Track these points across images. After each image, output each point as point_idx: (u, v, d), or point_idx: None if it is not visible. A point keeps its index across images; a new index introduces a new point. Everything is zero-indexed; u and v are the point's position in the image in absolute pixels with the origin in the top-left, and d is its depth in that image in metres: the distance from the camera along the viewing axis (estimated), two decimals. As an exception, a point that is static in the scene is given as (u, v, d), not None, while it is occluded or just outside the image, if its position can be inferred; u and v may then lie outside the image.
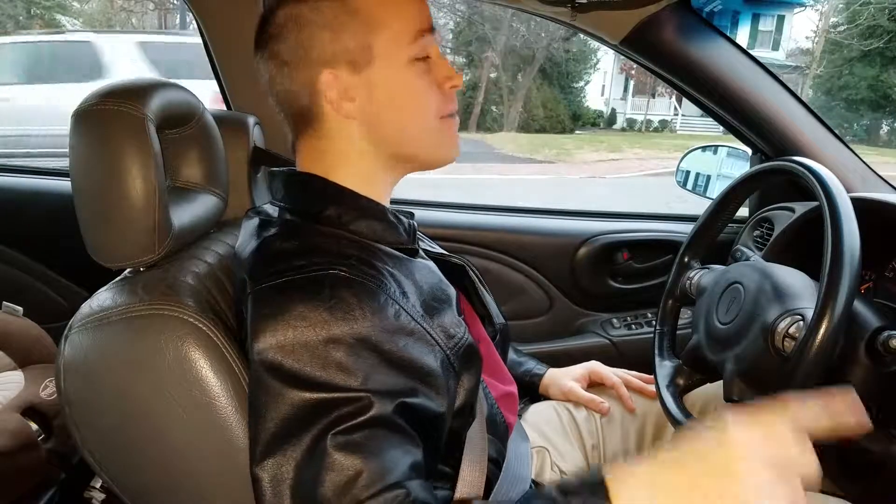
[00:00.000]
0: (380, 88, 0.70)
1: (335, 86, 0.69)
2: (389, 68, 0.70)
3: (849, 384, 0.77)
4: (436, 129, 0.73)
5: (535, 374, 1.08)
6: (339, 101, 0.70)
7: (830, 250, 0.71)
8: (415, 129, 0.72)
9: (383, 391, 0.59)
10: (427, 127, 0.73)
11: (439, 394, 0.65)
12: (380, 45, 0.69)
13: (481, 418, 0.73)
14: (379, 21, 0.69)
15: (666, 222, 1.56)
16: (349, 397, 0.57)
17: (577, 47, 17.66)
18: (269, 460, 0.57)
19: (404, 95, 0.71)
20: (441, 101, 0.73)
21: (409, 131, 0.72)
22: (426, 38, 0.71)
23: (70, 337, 0.67)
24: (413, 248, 0.75)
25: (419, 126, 0.72)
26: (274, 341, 0.59)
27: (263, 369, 0.60)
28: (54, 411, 1.12)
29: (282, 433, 0.57)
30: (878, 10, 14.29)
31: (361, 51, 0.69)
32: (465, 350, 0.70)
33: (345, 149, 0.73)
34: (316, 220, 0.71)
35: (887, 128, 16.37)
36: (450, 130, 0.75)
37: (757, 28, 16.59)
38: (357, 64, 0.69)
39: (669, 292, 1.02)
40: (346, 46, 0.69)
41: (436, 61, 0.72)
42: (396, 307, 0.64)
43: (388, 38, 0.69)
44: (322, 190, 0.72)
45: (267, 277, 0.64)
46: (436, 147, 0.75)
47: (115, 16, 20.05)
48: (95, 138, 0.66)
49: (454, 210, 1.57)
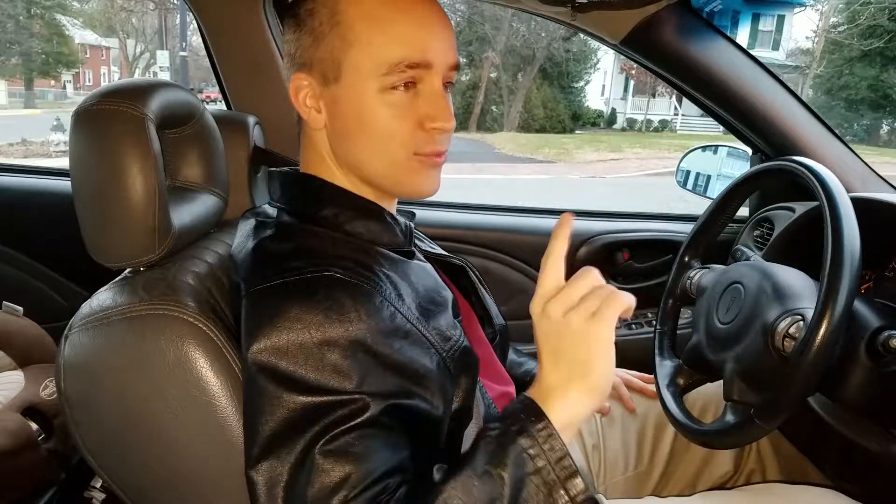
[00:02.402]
0: (344, 108, 0.68)
1: (305, 91, 0.70)
2: (355, 90, 0.67)
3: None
4: (402, 164, 0.69)
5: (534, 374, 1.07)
6: (309, 108, 0.70)
7: (830, 250, 0.71)
8: (376, 158, 0.69)
9: (378, 393, 0.59)
10: (393, 160, 0.69)
11: (435, 396, 0.65)
12: (349, 63, 0.67)
13: (478, 419, 0.73)
14: (354, 39, 0.66)
15: (666, 222, 1.56)
16: (344, 400, 0.58)
17: (577, 47, 17.68)
18: (265, 463, 0.57)
19: (367, 122, 0.67)
20: (419, 138, 0.68)
21: (369, 158, 0.70)
22: (415, 72, 0.66)
23: (70, 337, 0.67)
24: (409, 251, 0.75)
25: (383, 157, 0.69)
26: (269, 343, 0.59)
27: (258, 371, 0.60)
28: (54, 411, 1.12)
29: (277, 436, 0.57)
30: (878, 10, 14.30)
31: (332, 65, 0.68)
32: (461, 353, 0.70)
33: (318, 155, 0.74)
34: (312, 220, 0.71)
35: (887, 128, 16.37)
36: (422, 169, 0.70)
37: (757, 28, 16.60)
38: (326, 77, 0.68)
39: (669, 292, 1.02)
40: (320, 56, 0.68)
41: (428, 99, 0.67)
42: (392, 309, 0.64)
43: (361, 59, 0.66)
44: (318, 190, 0.72)
45: (262, 279, 0.64)
46: (399, 181, 0.71)
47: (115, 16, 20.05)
48: (95, 138, 0.66)
49: (454, 210, 1.57)
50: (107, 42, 23.25)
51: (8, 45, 18.17)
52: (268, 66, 1.23)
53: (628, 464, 1.01)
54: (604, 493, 0.98)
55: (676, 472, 1.02)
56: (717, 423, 0.80)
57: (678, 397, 0.91)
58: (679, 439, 1.01)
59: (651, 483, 1.02)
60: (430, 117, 0.67)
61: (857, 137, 15.04)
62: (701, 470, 1.01)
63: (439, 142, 0.69)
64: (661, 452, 1.02)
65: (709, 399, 1.04)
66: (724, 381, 0.81)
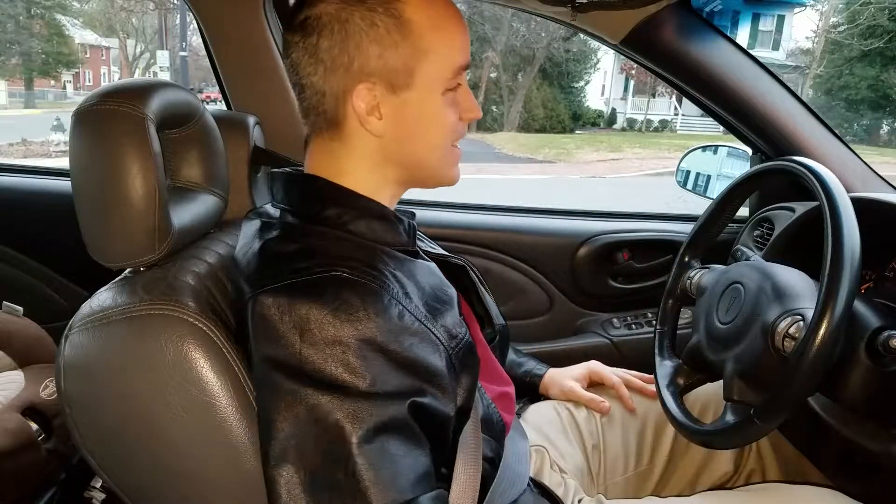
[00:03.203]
0: (410, 111, 0.70)
1: (367, 100, 0.68)
2: (425, 94, 0.69)
3: None
4: (448, 155, 0.75)
5: (535, 375, 1.08)
6: (366, 115, 0.69)
7: (830, 250, 0.71)
8: (431, 153, 0.73)
9: (393, 392, 0.59)
10: (444, 153, 0.74)
11: (445, 394, 0.65)
12: (423, 71, 0.68)
13: (475, 419, 0.73)
14: (428, 48, 0.68)
15: (666, 222, 1.55)
16: (359, 400, 0.58)
17: (577, 47, 17.67)
18: (284, 463, 0.57)
19: (432, 123, 0.71)
20: (460, 129, 0.74)
21: (425, 155, 0.73)
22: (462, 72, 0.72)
23: (70, 337, 0.67)
24: (413, 250, 0.75)
25: (434, 150, 0.73)
26: (281, 344, 0.60)
27: (272, 372, 0.60)
28: (54, 411, 1.12)
29: (295, 436, 0.58)
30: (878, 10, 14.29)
31: (404, 73, 0.68)
32: (466, 350, 0.70)
33: (358, 159, 0.72)
34: (316, 221, 0.71)
35: (887, 128, 16.37)
36: (456, 157, 0.76)
37: (757, 28, 16.60)
38: (396, 85, 0.68)
39: (669, 292, 1.02)
40: (391, 66, 0.67)
41: (463, 92, 0.73)
42: (400, 307, 0.64)
43: (433, 67, 0.69)
44: (321, 191, 0.72)
45: (270, 281, 0.64)
46: (444, 171, 0.76)
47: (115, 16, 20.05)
48: (95, 138, 0.66)
49: (454, 210, 1.57)
50: (107, 42, 23.24)
51: (8, 45, 18.17)
52: (268, 66, 1.23)
53: (628, 464, 1.01)
54: (603, 492, 0.98)
55: (676, 472, 1.02)
56: (717, 423, 0.80)
57: (678, 397, 0.91)
58: (679, 439, 1.01)
59: (651, 483, 1.02)
60: (467, 109, 0.74)
61: (857, 137, 15.04)
62: (701, 470, 1.01)
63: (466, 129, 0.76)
64: (661, 452, 1.02)
65: (709, 399, 1.04)
66: (724, 381, 0.81)
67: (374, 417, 0.58)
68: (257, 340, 0.62)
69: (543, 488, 0.86)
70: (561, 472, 0.92)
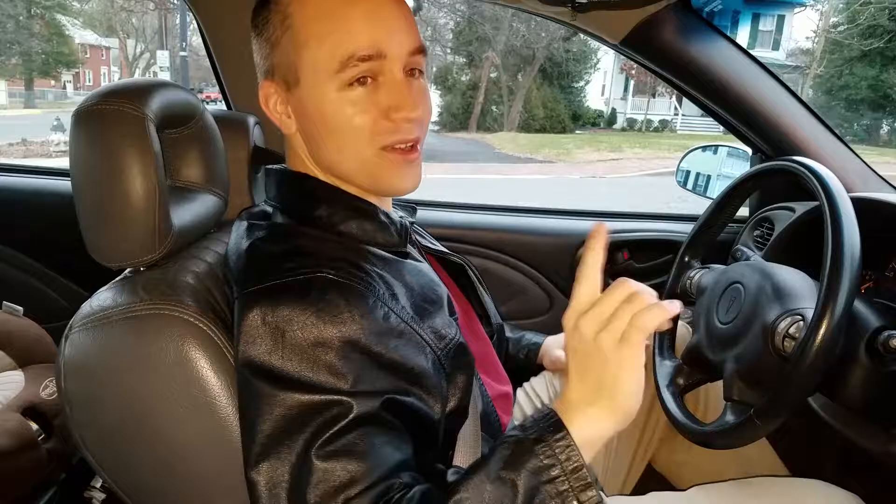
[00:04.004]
0: (309, 110, 0.69)
1: (273, 99, 0.71)
2: (313, 89, 0.67)
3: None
4: (371, 160, 0.69)
5: (533, 344, 1.08)
6: (280, 115, 0.72)
7: (830, 250, 0.71)
8: (346, 156, 0.69)
9: (373, 392, 0.59)
10: (362, 157, 0.69)
11: (431, 395, 0.65)
12: (304, 64, 0.67)
13: (475, 417, 0.73)
14: (306, 40, 0.66)
15: (666, 222, 1.55)
16: (340, 399, 0.58)
17: (577, 47, 17.67)
18: (265, 464, 0.57)
19: (332, 122, 0.67)
20: (384, 129, 0.67)
21: (340, 157, 0.70)
22: (370, 65, 0.66)
23: (70, 337, 0.67)
24: (404, 251, 0.75)
25: (353, 155, 0.69)
26: (263, 344, 0.60)
27: (253, 373, 0.60)
28: (54, 411, 1.12)
29: (275, 437, 0.57)
30: (878, 10, 14.29)
31: (289, 69, 0.68)
32: (456, 350, 0.70)
33: (299, 158, 0.74)
34: (306, 221, 0.71)
35: (887, 128, 16.37)
36: (392, 165, 0.69)
37: (757, 28, 16.60)
38: (288, 82, 0.69)
39: (669, 292, 1.02)
40: (278, 62, 0.69)
41: (389, 88, 0.67)
42: (385, 309, 0.64)
43: (312, 59, 0.67)
44: (313, 190, 0.72)
45: (255, 281, 0.64)
46: (373, 177, 0.70)
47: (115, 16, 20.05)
48: (95, 138, 0.66)
49: (454, 210, 1.57)
50: (107, 42, 23.25)
51: (8, 45, 18.16)
52: (268, 66, 1.23)
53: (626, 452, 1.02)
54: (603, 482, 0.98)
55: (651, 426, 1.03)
56: (717, 423, 0.80)
57: (678, 397, 0.91)
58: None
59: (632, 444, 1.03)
60: (393, 107, 0.67)
61: (857, 137, 15.03)
62: (699, 462, 1.01)
63: (406, 130, 0.68)
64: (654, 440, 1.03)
65: (709, 399, 1.04)
66: (724, 381, 0.81)
67: (353, 415, 0.57)
68: (240, 341, 0.62)
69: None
70: None
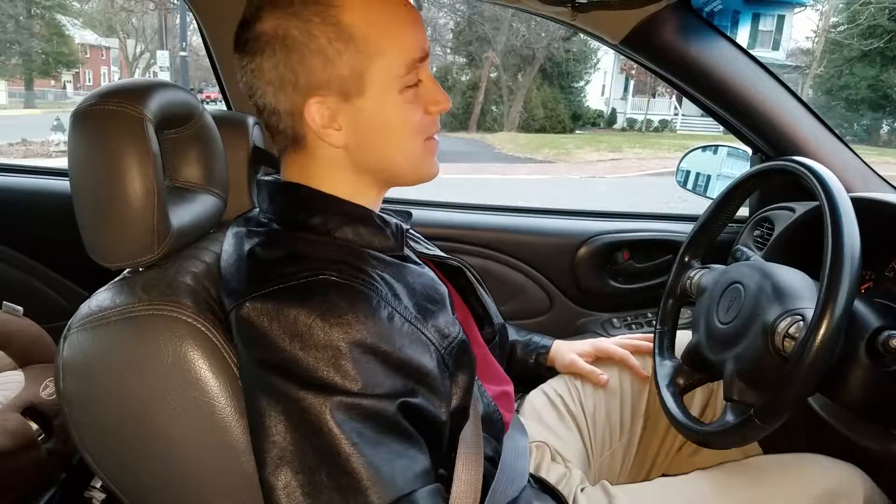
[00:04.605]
0: (368, 116, 0.68)
1: (321, 113, 0.67)
2: (380, 97, 0.68)
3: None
4: (419, 152, 0.73)
5: (542, 347, 1.08)
6: (323, 129, 0.68)
7: (830, 250, 0.71)
8: (399, 154, 0.72)
9: (385, 393, 0.59)
10: (414, 151, 0.72)
11: (437, 395, 0.65)
12: (373, 74, 0.67)
13: (476, 418, 0.73)
14: (374, 50, 0.66)
15: (666, 222, 1.55)
16: (353, 401, 0.58)
17: (577, 47, 17.67)
18: (283, 467, 0.57)
19: (392, 123, 0.69)
20: (427, 124, 0.72)
21: (393, 156, 0.72)
22: (419, 66, 0.69)
23: (69, 337, 0.67)
24: (401, 254, 0.74)
25: (404, 151, 0.71)
26: (273, 349, 0.59)
27: (265, 377, 0.60)
28: (54, 411, 1.12)
29: (290, 440, 0.57)
30: (878, 10, 14.29)
31: (354, 80, 0.66)
32: (458, 348, 0.70)
33: (330, 170, 0.72)
34: (302, 228, 0.70)
35: (887, 128, 16.37)
36: (431, 151, 0.74)
37: (757, 28, 16.60)
38: (348, 93, 0.67)
39: (669, 292, 1.02)
40: (339, 74, 0.66)
41: (426, 85, 0.71)
42: (389, 309, 0.64)
43: (383, 68, 0.67)
44: (307, 199, 0.72)
45: (256, 288, 0.63)
46: (417, 168, 0.74)
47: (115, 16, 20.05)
48: (94, 138, 0.66)
49: (453, 210, 1.57)
50: (107, 42, 23.24)
51: (8, 45, 18.17)
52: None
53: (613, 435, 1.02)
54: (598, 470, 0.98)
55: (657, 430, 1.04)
56: (717, 423, 0.80)
57: (678, 397, 0.91)
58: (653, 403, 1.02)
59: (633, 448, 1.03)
60: (434, 101, 0.71)
61: (857, 137, 15.04)
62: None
63: (437, 122, 0.74)
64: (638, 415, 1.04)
65: (709, 399, 1.04)
66: (724, 381, 0.81)
67: (367, 418, 0.58)
68: (247, 347, 0.62)
69: (544, 483, 0.86)
70: (565, 462, 0.92)
